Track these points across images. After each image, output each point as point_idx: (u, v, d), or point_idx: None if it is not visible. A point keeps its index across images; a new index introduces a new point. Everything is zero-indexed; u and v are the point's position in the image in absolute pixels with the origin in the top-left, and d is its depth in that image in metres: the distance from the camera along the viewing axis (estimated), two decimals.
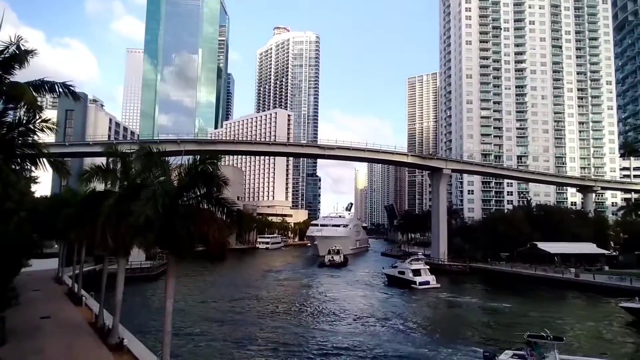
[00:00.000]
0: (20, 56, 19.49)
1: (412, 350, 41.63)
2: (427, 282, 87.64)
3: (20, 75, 19.75)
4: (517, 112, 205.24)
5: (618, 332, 51.74)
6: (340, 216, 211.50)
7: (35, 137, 20.83)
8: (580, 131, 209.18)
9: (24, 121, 20.21)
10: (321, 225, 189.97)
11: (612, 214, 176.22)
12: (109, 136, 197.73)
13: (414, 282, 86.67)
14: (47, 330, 33.92)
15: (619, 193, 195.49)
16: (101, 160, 32.91)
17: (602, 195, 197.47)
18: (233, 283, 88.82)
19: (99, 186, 31.70)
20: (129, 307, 51.28)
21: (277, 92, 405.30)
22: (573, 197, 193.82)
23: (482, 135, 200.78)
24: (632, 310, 56.74)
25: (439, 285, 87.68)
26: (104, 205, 25.50)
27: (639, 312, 56.07)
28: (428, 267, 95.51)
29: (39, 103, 19.70)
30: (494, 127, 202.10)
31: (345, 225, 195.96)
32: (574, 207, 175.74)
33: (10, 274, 35.08)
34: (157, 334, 40.25)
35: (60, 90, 20.64)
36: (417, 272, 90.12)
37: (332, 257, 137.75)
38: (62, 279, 63.09)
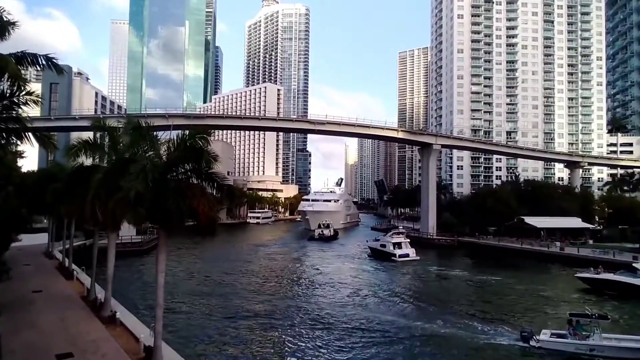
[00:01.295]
0: (2, 27, 19.20)
1: (404, 322, 42.29)
2: (407, 255, 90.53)
3: (0, 47, 19.38)
4: (507, 87, 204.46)
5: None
6: (331, 191, 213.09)
7: (20, 111, 20.61)
8: (569, 107, 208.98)
9: (8, 94, 19.93)
10: (312, 200, 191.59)
11: (598, 189, 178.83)
12: (96, 110, 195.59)
13: (394, 255, 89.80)
14: (40, 303, 34.12)
15: (605, 169, 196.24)
16: (88, 135, 32.84)
17: (589, 171, 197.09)
18: (224, 257, 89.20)
19: (87, 161, 31.57)
20: (120, 281, 51.66)
21: (267, 66, 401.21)
22: (560, 172, 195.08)
23: (472, 110, 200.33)
24: (585, 280, 60.25)
25: (418, 258, 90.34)
26: (93, 180, 25.42)
27: (591, 281, 59.11)
28: (409, 240, 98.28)
29: (22, 76, 19.34)
30: (484, 103, 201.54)
31: (336, 201, 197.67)
32: (561, 182, 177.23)
33: (1, 248, 35.07)
34: (149, 307, 40.57)
35: (43, 62, 20.31)
36: (397, 245, 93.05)
37: (322, 231, 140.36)
38: (52, 253, 63.17)
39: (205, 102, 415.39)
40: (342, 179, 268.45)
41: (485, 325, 41.02)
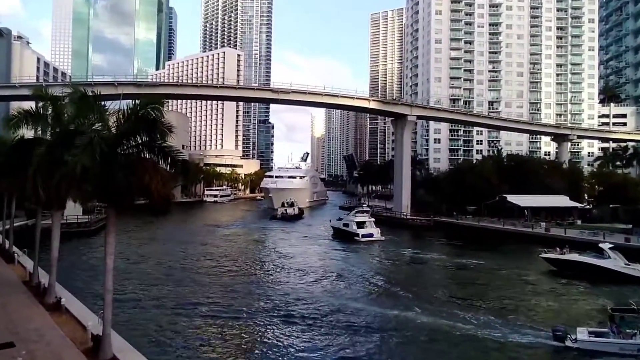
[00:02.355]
0: None
1: (377, 310, 42.78)
2: (371, 235, 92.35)
3: None
4: (490, 52, 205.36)
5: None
6: (296, 167, 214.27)
7: None
8: (557, 74, 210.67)
9: None
10: (276, 177, 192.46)
11: (588, 165, 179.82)
12: (38, 77, 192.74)
13: (357, 235, 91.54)
14: None
15: (596, 142, 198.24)
16: (30, 104, 32.54)
17: (578, 145, 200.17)
18: (178, 239, 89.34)
19: (29, 133, 31.51)
20: (66, 264, 51.67)
21: (226, 30, 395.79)
22: (547, 146, 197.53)
23: (451, 78, 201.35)
24: (550, 261, 62.21)
25: (383, 238, 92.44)
26: (35, 154, 25.34)
27: (557, 262, 61.09)
28: (373, 219, 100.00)
29: None
30: (465, 70, 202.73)
31: (302, 177, 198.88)
32: (547, 157, 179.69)
33: None
34: (97, 293, 40.77)
35: None
36: (361, 225, 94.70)
37: (286, 210, 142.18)
38: None
39: (158, 68, 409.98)
40: (307, 154, 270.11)
41: (468, 313, 41.36)
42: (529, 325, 37.79)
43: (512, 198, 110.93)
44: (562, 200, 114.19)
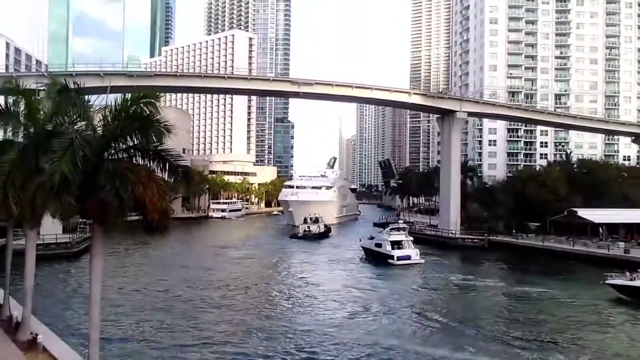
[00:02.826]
0: None
1: (422, 351, 42.23)
2: (408, 257, 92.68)
3: None
4: (557, 35, 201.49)
5: None
6: (322, 175, 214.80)
7: None
8: None
9: None
10: (297, 188, 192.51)
11: None
12: (7, 67, 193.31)
13: (392, 257, 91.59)
14: None
15: None
16: None
17: None
18: (179, 263, 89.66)
19: None
20: (43, 294, 52.25)
21: (235, 9, 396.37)
22: (627, 149, 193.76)
23: (509, 66, 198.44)
24: (617, 288, 61.92)
25: (422, 261, 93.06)
26: (5, 160, 25.33)
27: (625, 289, 60.85)
28: (411, 238, 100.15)
29: None
30: (526, 56, 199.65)
31: (329, 187, 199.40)
32: (627, 162, 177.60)
33: None
34: (80, 328, 40.87)
35: None
36: (396, 245, 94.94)
37: (309, 227, 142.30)
38: None
39: (153, 56, 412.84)
40: (335, 159, 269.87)
41: (532, 356, 40.96)
42: None
43: (583, 212, 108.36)
44: None
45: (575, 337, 48.12)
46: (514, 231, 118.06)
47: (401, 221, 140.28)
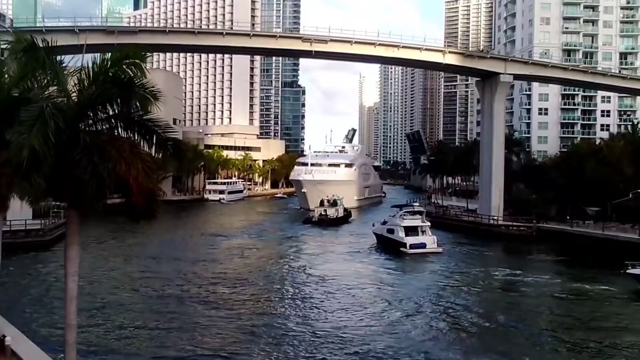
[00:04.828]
0: None
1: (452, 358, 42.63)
2: (423, 245, 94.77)
3: None
4: None
5: None
6: (340, 150, 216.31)
7: None
8: None
9: None
10: (312, 165, 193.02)
11: None
12: None
13: (404, 245, 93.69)
14: None
15: None
16: None
17: None
18: (169, 254, 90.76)
19: None
20: (11, 289, 52.90)
21: None
22: None
23: (564, 19, 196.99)
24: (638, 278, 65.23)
25: (440, 250, 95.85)
26: None
27: None
28: (428, 223, 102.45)
29: None
30: (585, 7, 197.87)
31: (349, 165, 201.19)
32: None
33: None
34: (54, 329, 41.46)
35: None
36: (410, 230, 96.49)
37: (325, 211, 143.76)
38: None
39: (137, 8, 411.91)
40: (354, 131, 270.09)
41: None
42: None
43: None
44: None
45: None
46: (568, 217, 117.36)
47: (416, 203, 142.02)
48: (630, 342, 47.98)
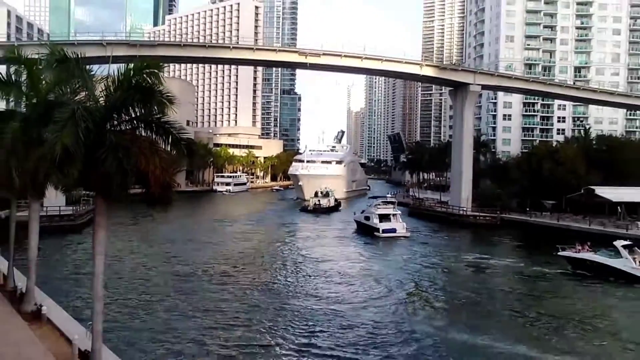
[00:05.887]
0: None
1: (434, 331, 42.57)
2: (393, 230, 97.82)
3: None
4: (577, 4, 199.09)
5: None
6: (331, 149, 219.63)
7: None
8: None
9: None
10: (307, 162, 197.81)
11: None
12: (9, 35, 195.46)
13: (377, 229, 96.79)
14: None
15: None
16: (0, 69, 33.21)
17: None
18: (183, 237, 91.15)
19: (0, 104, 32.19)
20: (47, 265, 53.40)
21: None
22: None
23: (526, 37, 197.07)
24: (567, 259, 68.68)
25: (408, 235, 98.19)
26: (7, 131, 25.67)
27: (571, 260, 67.96)
28: (399, 212, 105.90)
29: None
30: (544, 27, 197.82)
31: (339, 162, 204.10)
32: None
33: None
34: (84, 300, 41.76)
35: None
36: (383, 218, 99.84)
37: (319, 201, 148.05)
38: None
39: (156, 25, 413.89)
40: (343, 132, 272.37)
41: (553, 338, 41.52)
42: None
43: (601, 191, 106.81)
44: None
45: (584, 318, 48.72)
46: (528, 209, 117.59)
47: (388, 195, 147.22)
48: (560, 310, 49.67)
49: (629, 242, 66.22)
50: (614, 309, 52.28)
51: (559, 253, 68.74)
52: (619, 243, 64.49)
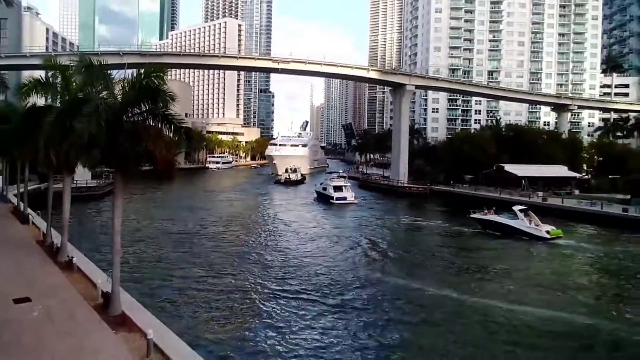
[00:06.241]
0: None
1: (378, 277, 43.12)
2: (344, 198, 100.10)
3: None
4: (490, 22, 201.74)
5: None
6: (298, 135, 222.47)
7: None
8: (559, 44, 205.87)
9: None
10: (280, 145, 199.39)
11: (588, 135, 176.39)
12: (47, 47, 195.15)
13: (332, 198, 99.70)
14: None
15: (597, 112, 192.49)
16: (39, 74, 33.32)
17: (578, 115, 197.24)
18: (183, 204, 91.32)
19: (39, 101, 32.37)
20: (77, 226, 53.77)
21: (227, 0, 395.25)
22: (547, 116, 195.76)
23: (450, 48, 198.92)
24: (477, 220, 70.37)
25: (356, 202, 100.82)
26: (46, 122, 26.00)
27: (481, 221, 69.67)
28: (349, 184, 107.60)
29: None
30: (464, 40, 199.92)
31: (304, 145, 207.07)
32: (547, 127, 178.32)
33: None
34: (105, 253, 42.16)
35: None
36: (337, 189, 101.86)
37: (289, 176, 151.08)
38: (6, 197, 65.30)
39: (161, 39, 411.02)
40: (307, 122, 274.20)
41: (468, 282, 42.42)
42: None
43: (509, 167, 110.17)
44: (560, 170, 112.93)
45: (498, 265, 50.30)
46: (451, 182, 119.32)
47: (341, 171, 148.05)
48: (474, 260, 50.93)
49: (525, 207, 68.00)
50: (512, 257, 53.60)
51: (470, 215, 70.57)
52: (516, 208, 66.57)
